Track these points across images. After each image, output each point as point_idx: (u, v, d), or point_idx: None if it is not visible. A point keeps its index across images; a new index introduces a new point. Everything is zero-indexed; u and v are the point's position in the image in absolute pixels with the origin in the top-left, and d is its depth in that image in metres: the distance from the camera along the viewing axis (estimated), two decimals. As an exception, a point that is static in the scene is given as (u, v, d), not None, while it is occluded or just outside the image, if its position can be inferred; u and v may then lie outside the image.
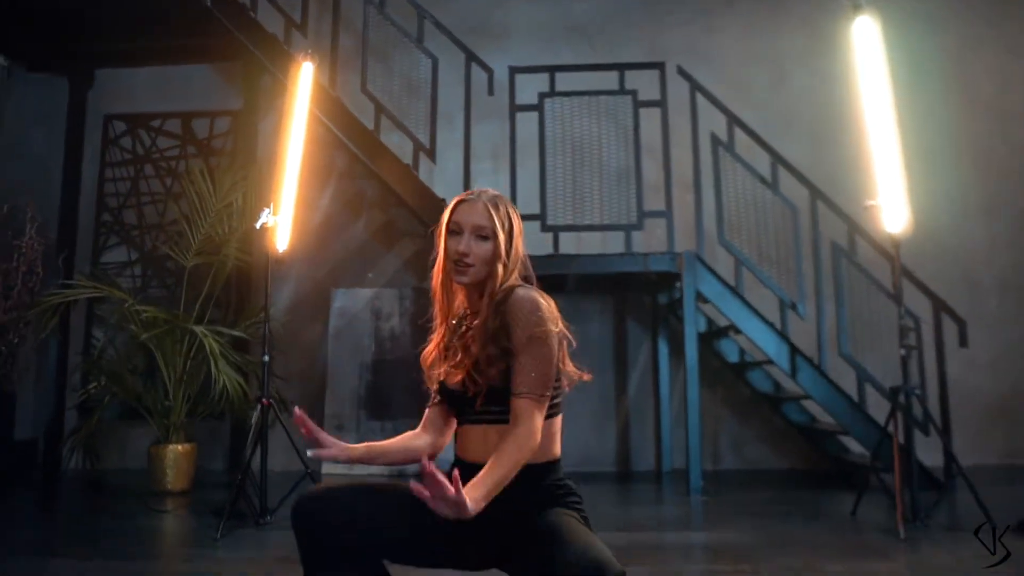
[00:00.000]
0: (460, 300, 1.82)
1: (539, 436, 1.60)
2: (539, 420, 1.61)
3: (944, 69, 5.83)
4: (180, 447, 4.62)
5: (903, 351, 3.52)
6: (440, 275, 1.80)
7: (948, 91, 5.79)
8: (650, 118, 4.92)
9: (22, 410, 5.71)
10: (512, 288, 1.69)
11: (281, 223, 3.82)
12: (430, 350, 1.84)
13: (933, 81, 5.80)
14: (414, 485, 1.41)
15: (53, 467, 5.69)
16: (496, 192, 1.77)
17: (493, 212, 1.72)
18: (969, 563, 2.89)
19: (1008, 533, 3.28)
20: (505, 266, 1.71)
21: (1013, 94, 5.80)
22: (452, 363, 1.74)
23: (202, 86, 6.16)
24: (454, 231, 1.72)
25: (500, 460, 1.54)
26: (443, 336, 1.81)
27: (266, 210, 3.76)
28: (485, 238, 1.70)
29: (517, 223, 1.77)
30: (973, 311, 5.42)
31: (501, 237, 1.71)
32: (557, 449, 1.73)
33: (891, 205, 3.51)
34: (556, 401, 1.71)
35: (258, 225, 3.74)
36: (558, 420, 1.73)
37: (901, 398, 3.53)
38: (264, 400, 3.69)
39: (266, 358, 3.76)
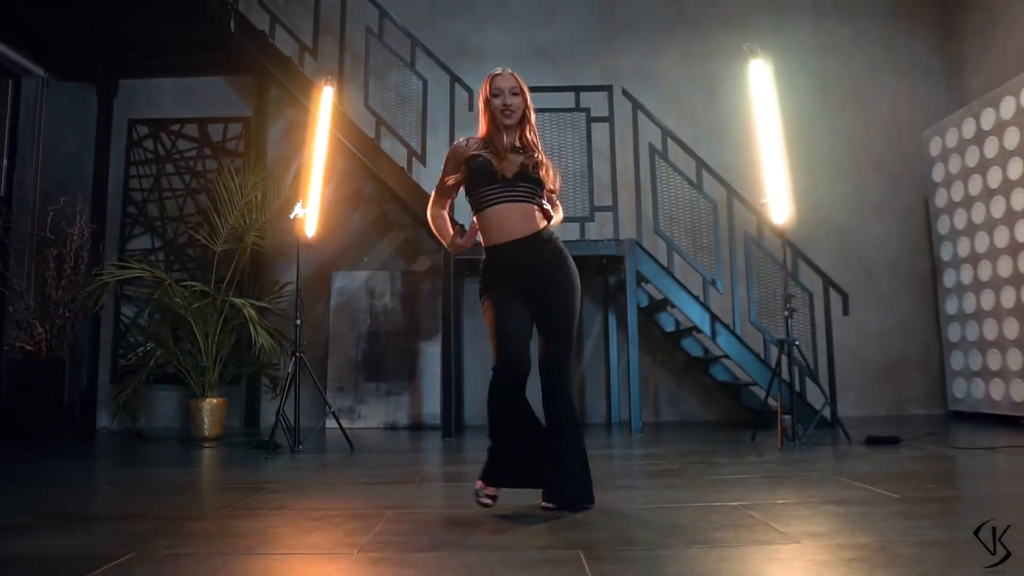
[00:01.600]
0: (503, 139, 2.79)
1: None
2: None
3: (847, 90, 7.06)
4: (215, 400, 5.60)
5: (786, 312, 4.67)
6: (486, 124, 2.78)
7: (850, 109, 7.03)
8: (602, 130, 6.02)
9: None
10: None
11: (309, 215, 4.84)
12: (474, 151, 2.78)
13: (839, 100, 7.04)
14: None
15: (89, 427, 6.59)
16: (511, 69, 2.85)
17: (518, 79, 2.80)
18: (821, 463, 4.04)
19: (862, 444, 4.46)
20: (530, 116, 2.81)
21: (901, 111, 7.04)
22: (508, 160, 2.72)
23: (217, 95, 7.11)
24: (495, 94, 2.76)
25: (556, 209, 2.85)
26: (500, 149, 2.74)
27: (298, 204, 4.77)
28: (516, 93, 2.77)
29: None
30: (869, 291, 6.69)
31: (526, 92, 2.80)
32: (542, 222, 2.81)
33: (778, 202, 4.65)
34: None
35: (292, 216, 4.74)
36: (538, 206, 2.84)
37: (785, 347, 4.69)
38: (297, 354, 4.70)
39: (298, 321, 4.77)
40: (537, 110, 5.78)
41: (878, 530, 2.25)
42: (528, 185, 2.73)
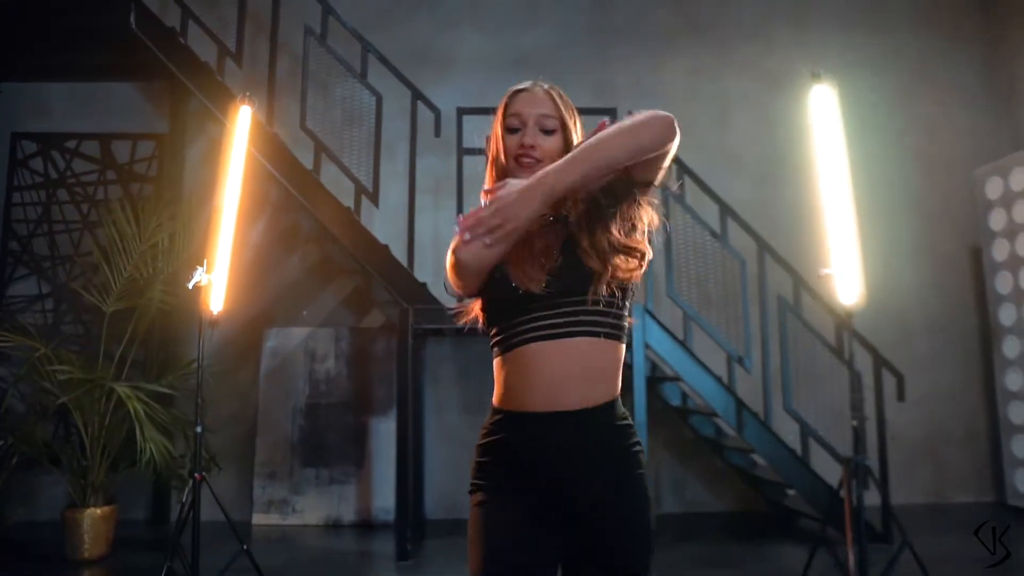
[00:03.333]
0: None
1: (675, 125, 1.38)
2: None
3: (878, 117, 5.96)
4: (99, 511, 4.27)
5: (855, 422, 3.53)
6: (490, 177, 1.57)
7: (881, 138, 5.92)
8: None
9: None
10: None
11: (215, 281, 3.56)
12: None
13: (867, 128, 5.91)
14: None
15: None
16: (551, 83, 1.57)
17: (558, 100, 1.55)
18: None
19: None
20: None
21: (941, 144, 5.97)
22: (536, 265, 1.42)
23: (124, 106, 5.75)
24: (513, 127, 1.52)
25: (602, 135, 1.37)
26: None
27: (199, 268, 3.49)
28: (551, 131, 1.52)
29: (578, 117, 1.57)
30: (903, 354, 5.54)
31: (571, 127, 1.54)
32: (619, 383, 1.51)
33: (846, 276, 3.51)
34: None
35: (190, 285, 3.47)
36: (623, 347, 1.50)
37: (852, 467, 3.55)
38: (197, 476, 3.43)
39: (199, 429, 3.50)
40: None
41: None
42: (577, 299, 1.42)
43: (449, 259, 1.44)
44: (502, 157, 1.52)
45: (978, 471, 5.70)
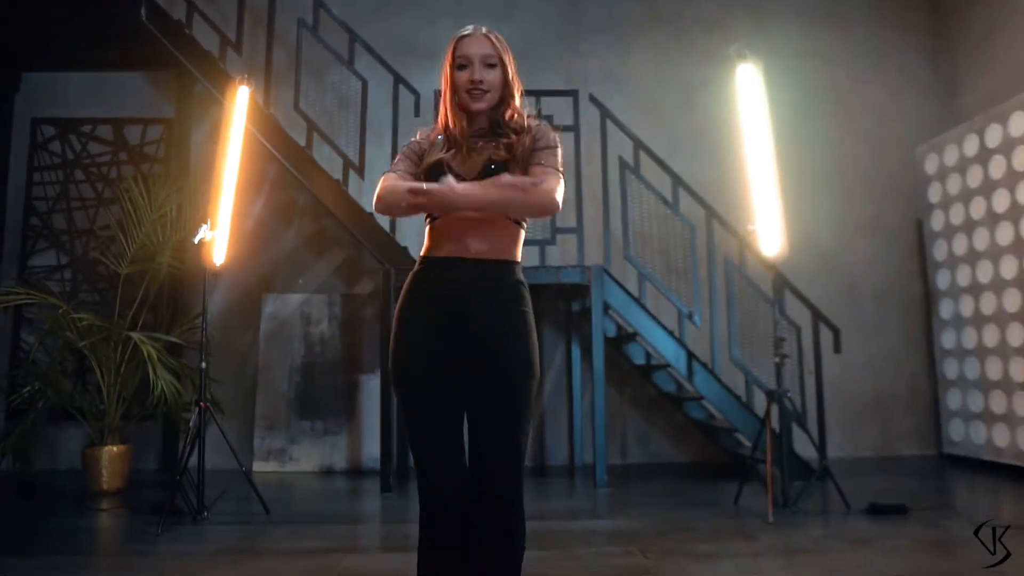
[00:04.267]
0: (464, 126, 1.96)
1: (556, 198, 1.86)
2: (557, 185, 1.87)
3: (832, 100, 6.46)
4: (115, 448, 4.80)
5: (777, 359, 4.03)
6: (449, 108, 1.97)
7: (835, 122, 6.42)
8: (566, 140, 5.32)
9: (-54, 412, 5.74)
10: (540, 123, 1.99)
11: (218, 238, 4.07)
12: (434, 152, 1.96)
13: (823, 110, 6.42)
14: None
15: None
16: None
17: (496, 41, 1.96)
18: (824, 543, 3.41)
19: (863, 513, 3.85)
20: (514, 91, 1.97)
21: (890, 126, 6.46)
22: (472, 154, 1.91)
23: (134, 93, 6.27)
24: (462, 64, 1.93)
25: (506, 182, 1.81)
26: (460, 144, 1.94)
27: (204, 226, 4.00)
28: (492, 66, 1.93)
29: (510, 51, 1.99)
30: (852, 318, 6.06)
31: (508, 59, 1.96)
32: (519, 253, 1.99)
33: (768, 231, 4.00)
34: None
35: (196, 240, 3.98)
36: (522, 231, 2.00)
37: (775, 398, 4.05)
38: (202, 403, 3.94)
39: (203, 364, 4.01)
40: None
41: None
42: None
43: (381, 184, 1.96)
44: (456, 90, 1.95)
45: (920, 426, 6.17)
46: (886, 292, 6.30)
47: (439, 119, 2.02)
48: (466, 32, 1.97)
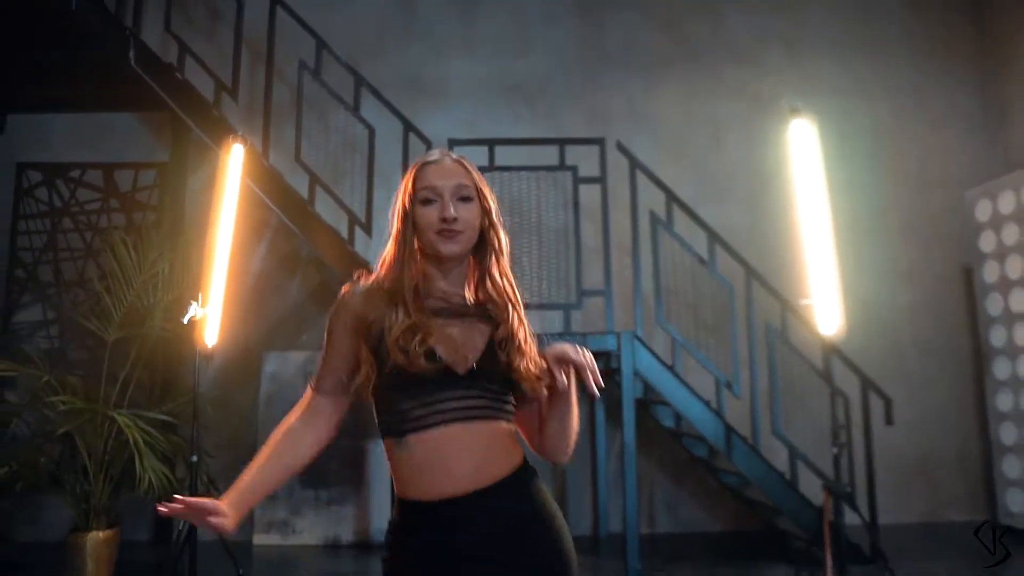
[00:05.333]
0: (418, 277, 1.51)
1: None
2: None
3: (872, 140, 6.03)
4: (101, 534, 4.37)
5: (835, 450, 3.59)
6: (395, 251, 1.52)
7: (876, 161, 5.99)
8: (592, 192, 4.91)
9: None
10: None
11: (210, 315, 3.66)
12: (380, 314, 1.48)
13: (862, 151, 5.99)
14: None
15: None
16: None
17: (470, 168, 1.52)
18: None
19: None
20: (496, 237, 1.53)
21: (934, 166, 6.02)
22: (447, 331, 1.45)
23: (125, 135, 5.88)
24: (428, 199, 1.48)
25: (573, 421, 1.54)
26: (410, 315, 1.44)
27: (193, 303, 3.60)
28: (468, 199, 1.49)
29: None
30: (895, 374, 5.61)
31: (487, 194, 1.52)
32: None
33: (825, 306, 3.58)
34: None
35: (185, 320, 3.57)
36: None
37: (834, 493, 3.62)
38: (191, 506, 3.51)
39: (194, 459, 3.60)
40: (511, 168, 4.75)
41: None
42: (492, 386, 1.44)
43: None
44: (420, 230, 1.50)
45: (971, 491, 5.72)
46: (932, 346, 5.85)
47: (384, 263, 1.54)
48: (432, 158, 1.53)
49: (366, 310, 1.50)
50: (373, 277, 1.55)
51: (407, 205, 1.51)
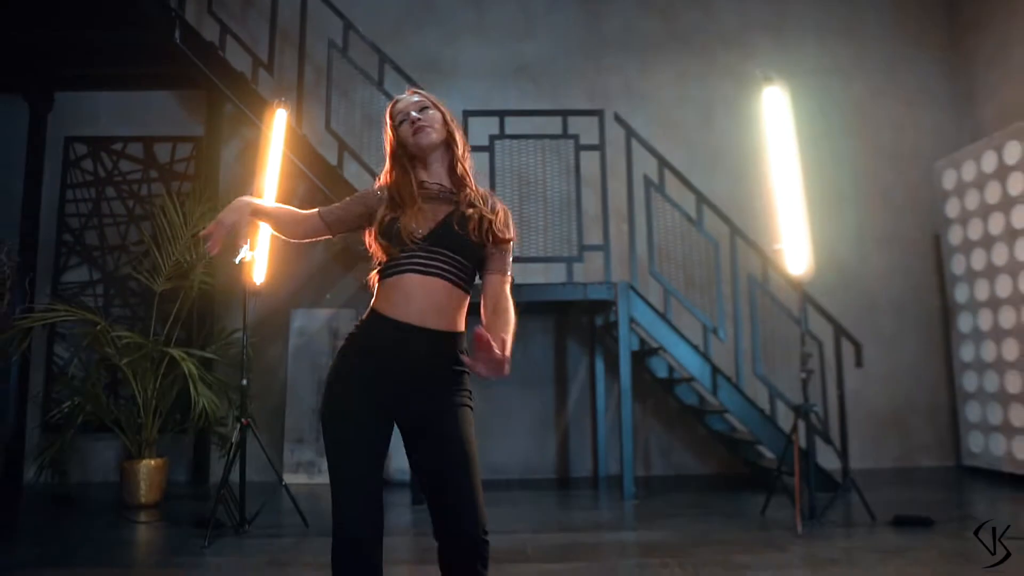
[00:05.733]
0: (418, 178, 2.02)
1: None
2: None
3: (850, 117, 6.56)
4: (152, 462, 4.91)
5: (803, 375, 4.12)
6: (392, 167, 2.04)
7: (853, 136, 6.52)
8: (589, 158, 5.43)
9: (-18, 428, 5.87)
10: (492, 193, 2.07)
11: (257, 258, 4.19)
12: (384, 212, 1.98)
13: (841, 127, 6.53)
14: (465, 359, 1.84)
15: (15, 483, 5.86)
16: None
17: (424, 93, 2.08)
18: (853, 554, 3.49)
19: (890, 525, 3.93)
20: (456, 135, 2.04)
21: (907, 141, 6.55)
22: (420, 209, 1.94)
23: (164, 112, 6.41)
24: (401, 120, 2.02)
25: (508, 326, 1.91)
26: (406, 195, 1.97)
27: (244, 246, 4.10)
28: (426, 108, 2.02)
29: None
30: (871, 331, 6.15)
31: (442, 107, 2.05)
32: (464, 323, 2.01)
33: (795, 250, 4.10)
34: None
35: (237, 260, 4.07)
36: (467, 296, 2.02)
37: (802, 413, 4.14)
38: (244, 420, 4.05)
39: (244, 381, 4.12)
40: (519, 136, 5.27)
41: None
42: (447, 254, 1.92)
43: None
44: (401, 141, 2.03)
45: (940, 439, 6.24)
46: (904, 305, 6.38)
47: (382, 180, 2.08)
48: (399, 97, 2.11)
49: (375, 203, 2.03)
50: (380, 184, 2.09)
51: (391, 132, 2.05)
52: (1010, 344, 5.28)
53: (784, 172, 4.16)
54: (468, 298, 2.02)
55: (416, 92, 2.09)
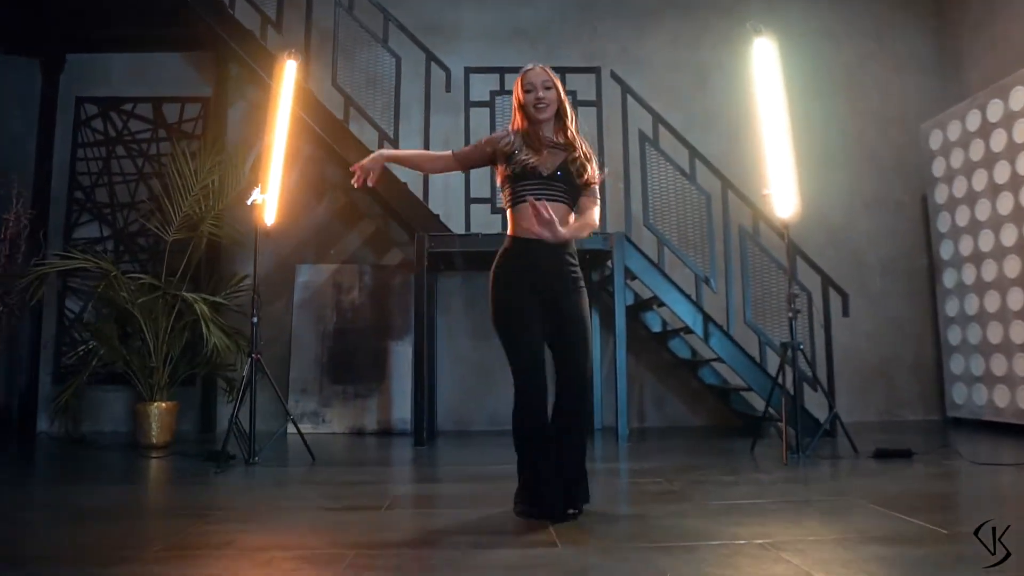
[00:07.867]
0: (542, 132, 2.76)
1: (597, 225, 2.84)
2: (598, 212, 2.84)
3: (838, 78, 6.73)
4: (164, 404, 5.10)
5: (790, 313, 4.31)
6: (521, 120, 2.76)
7: (842, 99, 6.70)
8: (586, 114, 5.60)
9: (-1, 378, 6.07)
10: (593, 152, 2.82)
11: (268, 200, 4.37)
12: (513, 148, 2.73)
13: (830, 90, 6.70)
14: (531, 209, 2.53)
15: (29, 431, 6.06)
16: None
17: (551, 72, 2.78)
18: (835, 475, 3.69)
19: (871, 458, 4.13)
20: (566, 106, 2.77)
21: (895, 103, 6.73)
22: (546, 155, 2.71)
23: (173, 73, 6.57)
24: (528, 90, 2.73)
25: (584, 223, 2.73)
26: (537, 143, 2.72)
27: (256, 189, 4.30)
28: (549, 87, 2.74)
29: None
30: (859, 288, 6.34)
31: (560, 86, 2.79)
32: None
33: (783, 194, 4.28)
34: None
35: (249, 202, 4.27)
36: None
37: (789, 352, 4.33)
38: (255, 355, 4.24)
39: (255, 319, 4.31)
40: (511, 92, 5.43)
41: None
42: (564, 186, 2.71)
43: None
44: (524, 108, 2.75)
45: (925, 392, 6.45)
46: (892, 263, 6.57)
47: (512, 127, 2.81)
48: (529, 67, 2.79)
49: (503, 145, 2.78)
50: (508, 131, 2.82)
51: (520, 95, 2.76)
52: (992, 296, 5.47)
53: (773, 121, 4.34)
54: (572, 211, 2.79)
55: (545, 70, 2.76)
